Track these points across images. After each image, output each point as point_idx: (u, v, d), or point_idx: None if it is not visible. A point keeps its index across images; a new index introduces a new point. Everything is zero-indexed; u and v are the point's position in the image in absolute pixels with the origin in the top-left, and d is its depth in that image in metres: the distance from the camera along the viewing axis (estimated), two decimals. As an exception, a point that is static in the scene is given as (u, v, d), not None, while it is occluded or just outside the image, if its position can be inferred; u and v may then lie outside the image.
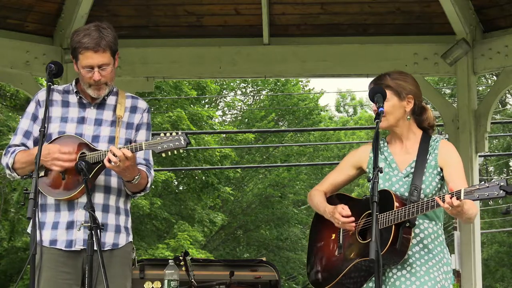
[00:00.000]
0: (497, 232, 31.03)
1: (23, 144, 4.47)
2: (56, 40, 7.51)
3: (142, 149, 4.29)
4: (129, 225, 4.54)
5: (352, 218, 4.36)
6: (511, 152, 30.77)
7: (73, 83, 4.56)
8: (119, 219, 4.48)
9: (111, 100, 4.53)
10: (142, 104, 4.60)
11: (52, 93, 4.51)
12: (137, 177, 4.36)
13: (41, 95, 4.51)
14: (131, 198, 4.57)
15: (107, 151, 4.27)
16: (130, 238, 4.53)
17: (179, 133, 4.22)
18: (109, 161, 4.23)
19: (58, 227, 4.37)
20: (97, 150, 4.33)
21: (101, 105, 4.51)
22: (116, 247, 4.43)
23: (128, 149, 4.25)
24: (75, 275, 4.37)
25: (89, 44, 4.35)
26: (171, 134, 4.23)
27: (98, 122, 4.48)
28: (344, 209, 4.37)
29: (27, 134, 4.47)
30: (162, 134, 4.24)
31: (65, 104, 4.51)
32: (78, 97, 4.51)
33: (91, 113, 4.50)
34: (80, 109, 4.50)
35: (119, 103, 4.52)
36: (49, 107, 4.42)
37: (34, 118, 4.48)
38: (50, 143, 4.40)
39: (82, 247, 4.33)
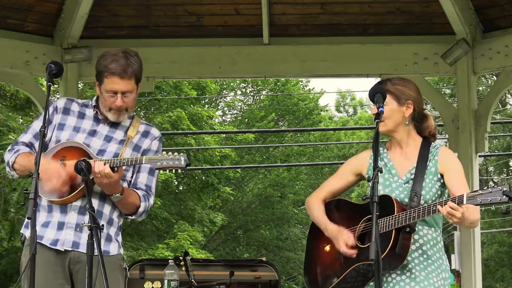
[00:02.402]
0: (497, 232, 31.02)
1: (31, 144, 4.54)
2: (56, 40, 7.51)
3: (142, 163, 4.35)
4: (120, 240, 4.55)
5: (355, 251, 4.31)
6: (511, 152, 30.76)
7: (94, 99, 4.63)
8: (110, 229, 4.49)
9: (125, 122, 4.60)
10: (155, 131, 4.66)
11: (72, 103, 4.62)
12: (116, 194, 4.38)
13: (60, 102, 4.63)
14: (123, 216, 4.58)
15: (108, 160, 4.32)
16: (122, 251, 4.54)
17: (181, 154, 4.27)
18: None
19: (49, 226, 4.41)
20: (97, 158, 4.38)
21: (114, 124, 4.57)
22: (106, 254, 4.41)
23: (127, 161, 4.33)
24: (64, 275, 4.40)
25: (116, 70, 4.40)
26: (173, 153, 4.29)
27: (108, 139, 4.54)
28: (349, 238, 4.34)
29: (37, 136, 4.49)
30: (164, 153, 4.30)
31: (81, 115, 4.60)
32: (95, 111, 4.58)
33: (103, 128, 4.56)
34: (94, 123, 4.58)
35: (132, 126, 4.59)
36: (65, 116, 4.55)
37: (48, 122, 4.49)
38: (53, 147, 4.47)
39: (69, 249, 4.36)
